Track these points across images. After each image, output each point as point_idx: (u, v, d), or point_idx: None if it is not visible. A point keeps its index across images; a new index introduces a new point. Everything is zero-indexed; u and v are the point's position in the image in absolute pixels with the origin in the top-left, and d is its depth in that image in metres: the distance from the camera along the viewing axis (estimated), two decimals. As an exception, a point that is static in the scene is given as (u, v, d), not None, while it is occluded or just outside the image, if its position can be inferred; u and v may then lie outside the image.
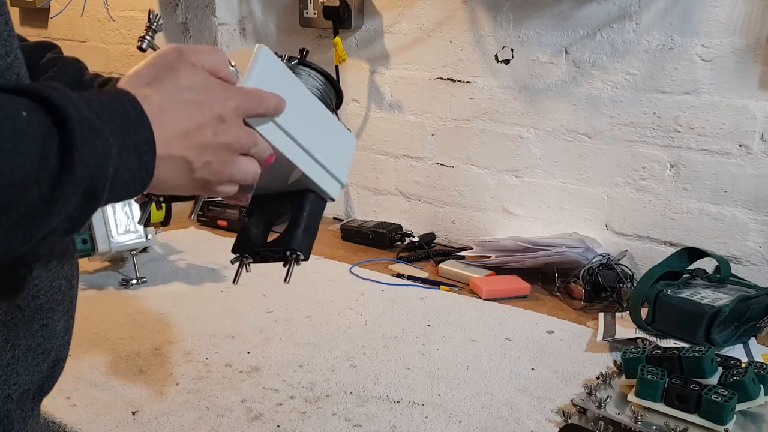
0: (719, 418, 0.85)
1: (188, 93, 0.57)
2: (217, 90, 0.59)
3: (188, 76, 0.58)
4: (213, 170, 0.60)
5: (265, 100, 0.64)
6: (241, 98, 0.61)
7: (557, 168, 1.56)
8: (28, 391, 0.61)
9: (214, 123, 0.58)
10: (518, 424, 0.94)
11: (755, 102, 1.32)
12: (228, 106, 0.59)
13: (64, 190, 0.47)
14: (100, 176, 0.49)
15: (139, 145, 0.52)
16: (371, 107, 1.80)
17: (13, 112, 0.45)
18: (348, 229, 1.73)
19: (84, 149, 0.47)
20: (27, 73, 0.58)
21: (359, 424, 0.94)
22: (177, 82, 0.57)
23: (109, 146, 0.49)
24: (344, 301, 1.34)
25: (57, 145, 0.46)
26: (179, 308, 1.28)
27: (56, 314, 0.61)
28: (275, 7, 1.89)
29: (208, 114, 0.58)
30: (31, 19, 2.44)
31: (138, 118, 0.53)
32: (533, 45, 1.53)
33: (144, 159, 0.53)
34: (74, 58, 0.81)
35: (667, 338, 1.15)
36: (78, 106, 0.48)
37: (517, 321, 1.27)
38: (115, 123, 0.51)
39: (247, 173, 0.63)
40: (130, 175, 0.52)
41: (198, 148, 0.57)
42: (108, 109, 0.51)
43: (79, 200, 0.48)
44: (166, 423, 0.93)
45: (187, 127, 0.56)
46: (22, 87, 0.48)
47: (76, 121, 0.47)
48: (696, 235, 1.43)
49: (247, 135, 0.62)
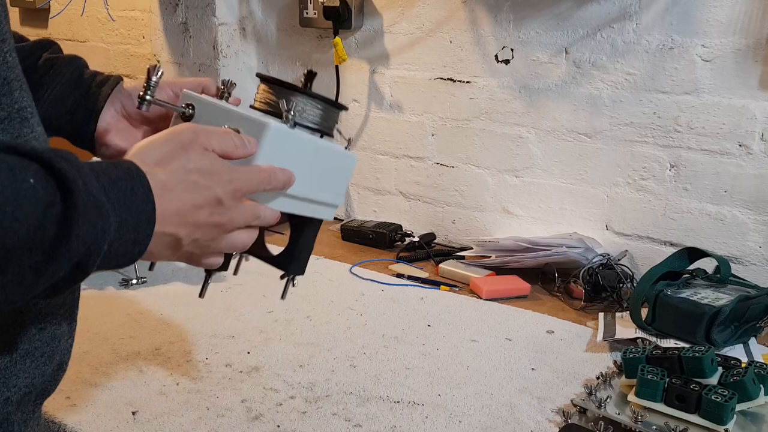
0: (719, 418, 0.85)
1: (194, 175, 0.59)
2: (223, 173, 0.61)
3: (197, 159, 0.60)
4: (200, 245, 0.62)
5: (274, 179, 0.66)
6: (245, 181, 0.63)
7: (557, 168, 1.56)
8: (30, 395, 0.60)
9: (211, 205, 0.60)
10: (518, 424, 0.94)
11: (755, 102, 1.32)
12: (229, 189, 0.61)
13: (56, 261, 0.48)
14: (93, 252, 0.50)
15: (139, 223, 0.54)
16: (371, 107, 1.80)
17: (21, 177, 0.46)
18: (348, 229, 1.73)
19: (83, 225, 0.48)
20: (21, 75, 0.58)
21: (359, 424, 0.94)
22: (186, 163, 0.59)
23: (109, 224, 0.50)
24: (344, 301, 1.34)
25: (58, 215, 0.47)
26: (179, 308, 1.28)
27: (56, 318, 0.61)
28: (275, 7, 1.89)
29: (208, 195, 0.60)
30: (31, 19, 2.44)
31: (144, 196, 0.54)
32: (533, 45, 1.53)
33: (141, 236, 0.54)
34: (72, 57, 0.81)
35: (667, 338, 1.15)
36: (86, 179, 0.49)
37: (517, 321, 1.27)
38: (121, 199, 0.52)
39: (236, 245, 0.65)
40: (124, 250, 0.53)
41: (190, 227, 0.59)
42: (116, 185, 0.52)
43: (67, 272, 0.49)
44: (166, 423, 0.93)
45: (184, 207, 0.58)
46: (36, 152, 0.48)
47: (81, 195, 0.48)
48: (696, 235, 1.43)
49: (245, 213, 0.64)
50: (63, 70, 0.79)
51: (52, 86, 0.77)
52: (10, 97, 0.55)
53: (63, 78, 0.78)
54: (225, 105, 0.73)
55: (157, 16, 2.02)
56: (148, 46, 2.12)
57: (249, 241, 0.66)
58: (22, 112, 0.56)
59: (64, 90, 0.78)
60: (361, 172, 1.85)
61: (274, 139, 0.67)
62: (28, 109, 0.57)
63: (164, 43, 2.02)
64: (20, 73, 0.57)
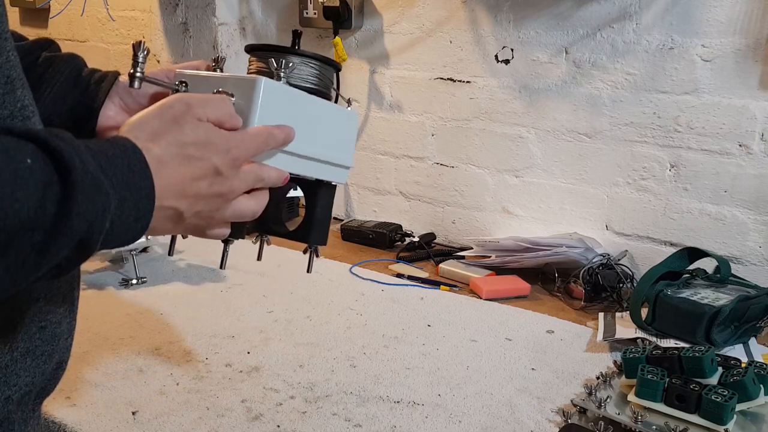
0: (719, 418, 0.85)
1: (190, 148, 0.59)
2: (219, 143, 0.61)
3: (192, 131, 0.60)
4: (203, 217, 0.62)
5: (272, 138, 0.65)
6: (243, 149, 0.62)
7: (557, 168, 1.56)
8: (30, 393, 0.60)
9: (210, 176, 0.60)
10: (518, 424, 0.94)
11: (755, 102, 1.32)
12: (227, 159, 0.61)
13: (58, 240, 0.48)
14: (95, 230, 0.50)
15: (139, 199, 0.54)
16: (371, 107, 1.80)
17: (18, 158, 0.46)
18: (348, 229, 1.73)
19: (83, 203, 0.48)
20: (22, 74, 0.58)
21: (359, 424, 0.94)
22: (180, 137, 0.59)
23: (109, 201, 0.50)
24: (344, 301, 1.34)
25: (57, 194, 0.47)
26: (179, 308, 1.28)
27: (56, 316, 0.61)
28: (275, 7, 1.89)
29: (205, 167, 0.60)
30: (31, 19, 2.44)
31: (141, 172, 0.54)
32: (533, 45, 1.53)
33: (141, 212, 0.54)
34: (70, 55, 0.81)
35: (667, 338, 1.15)
36: (83, 157, 0.49)
37: (517, 321, 1.27)
38: (118, 177, 0.52)
39: (244, 213, 0.65)
40: (126, 227, 0.53)
41: (190, 199, 0.59)
42: (113, 162, 0.52)
43: (71, 251, 0.49)
44: (166, 423, 0.93)
45: (183, 180, 0.58)
46: (32, 132, 0.48)
47: (79, 173, 0.48)
48: (696, 235, 1.43)
49: (246, 179, 0.64)
50: (62, 68, 0.79)
51: (51, 84, 0.77)
52: (13, 96, 0.55)
53: (62, 76, 0.78)
54: (216, 74, 0.72)
55: (157, 16, 2.02)
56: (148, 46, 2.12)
57: (257, 207, 0.66)
58: (24, 111, 0.57)
59: (64, 88, 0.78)
60: (361, 172, 1.85)
61: (267, 95, 0.66)
62: (29, 108, 0.57)
63: (164, 43, 2.03)
64: (21, 72, 0.57)
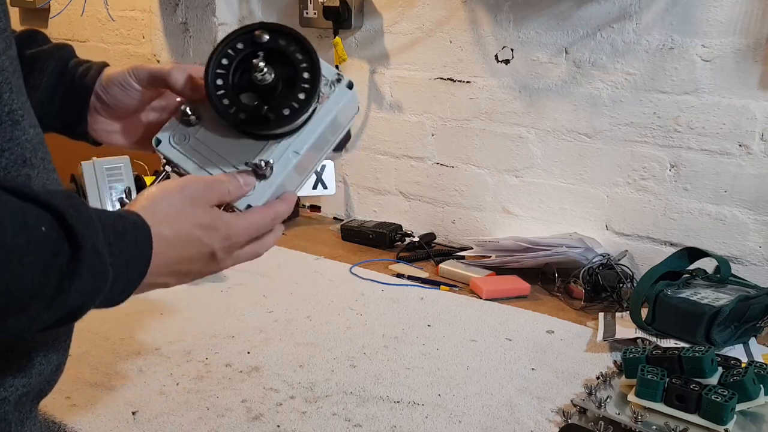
0: (719, 418, 0.85)
1: (197, 230, 0.62)
2: (223, 230, 0.63)
3: (203, 215, 0.62)
4: (186, 280, 0.65)
5: (279, 216, 0.68)
6: (243, 235, 0.65)
7: (557, 168, 1.56)
8: (27, 394, 0.60)
9: (205, 258, 0.63)
10: (518, 424, 0.94)
11: (755, 102, 1.32)
12: (224, 245, 0.64)
13: (52, 311, 0.49)
14: (86, 306, 0.52)
15: (131, 278, 0.56)
16: (371, 107, 1.79)
17: (34, 224, 0.47)
18: (348, 229, 1.72)
19: (84, 282, 0.50)
20: (10, 77, 0.56)
21: (359, 424, 0.94)
22: (192, 219, 0.61)
23: (107, 281, 0.52)
24: (344, 301, 1.34)
25: (63, 266, 0.48)
26: (179, 308, 1.28)
27: None
28: (275, 7, 1.89)
29: (204, 251, 0.63)
30: (31, 19, 2.44)
31: (143, 252, 0.56)
32: (533, 45, 1.53)
33: (129, 287, 0.56)
34: (55, 49, 0.78)
35: (667, 338, 1.15)
36: (95, 235, 0.51)
37: (517, 321, 1.27)
38: (123, 255, 0.54)
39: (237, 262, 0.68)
40: (110, 299, 0.55)
41: (180, 276, 0.63)
42: (123, 239, 0.54)
43: (57, 319, 0.51)
44: (166, 423, 0.93)
45: (180, 260, 0.61)
46: (52, 203, 0.49)
47: (88, 252, 0.50)
48: (696, 235, 1.43)
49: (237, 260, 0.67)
50: (45, 66, 0.76)
51: (37, 87, 0.75)
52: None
53: (45, 76, 0.76)
54: None
55: (157, 16, 2.02)
56: (148, 46, 2.12)
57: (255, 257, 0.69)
58: (13, 115, 0.56)
59: (50, 90, 0.75)
60: (361, 172, 1.85)
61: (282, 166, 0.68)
62: (18, 112, 0.56)
63: (164, 43, 2.03)
64: (9, 76, 0.56)
